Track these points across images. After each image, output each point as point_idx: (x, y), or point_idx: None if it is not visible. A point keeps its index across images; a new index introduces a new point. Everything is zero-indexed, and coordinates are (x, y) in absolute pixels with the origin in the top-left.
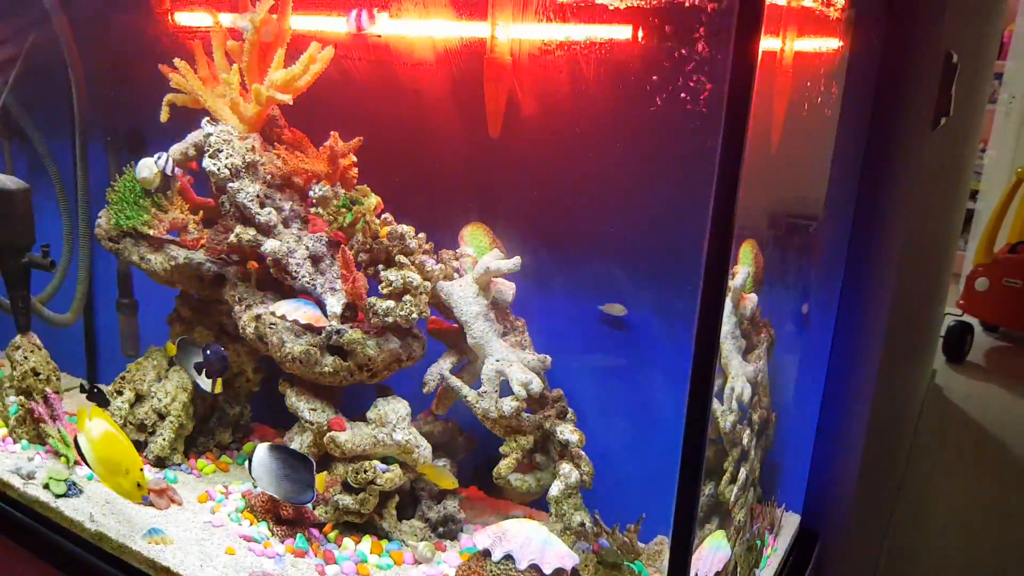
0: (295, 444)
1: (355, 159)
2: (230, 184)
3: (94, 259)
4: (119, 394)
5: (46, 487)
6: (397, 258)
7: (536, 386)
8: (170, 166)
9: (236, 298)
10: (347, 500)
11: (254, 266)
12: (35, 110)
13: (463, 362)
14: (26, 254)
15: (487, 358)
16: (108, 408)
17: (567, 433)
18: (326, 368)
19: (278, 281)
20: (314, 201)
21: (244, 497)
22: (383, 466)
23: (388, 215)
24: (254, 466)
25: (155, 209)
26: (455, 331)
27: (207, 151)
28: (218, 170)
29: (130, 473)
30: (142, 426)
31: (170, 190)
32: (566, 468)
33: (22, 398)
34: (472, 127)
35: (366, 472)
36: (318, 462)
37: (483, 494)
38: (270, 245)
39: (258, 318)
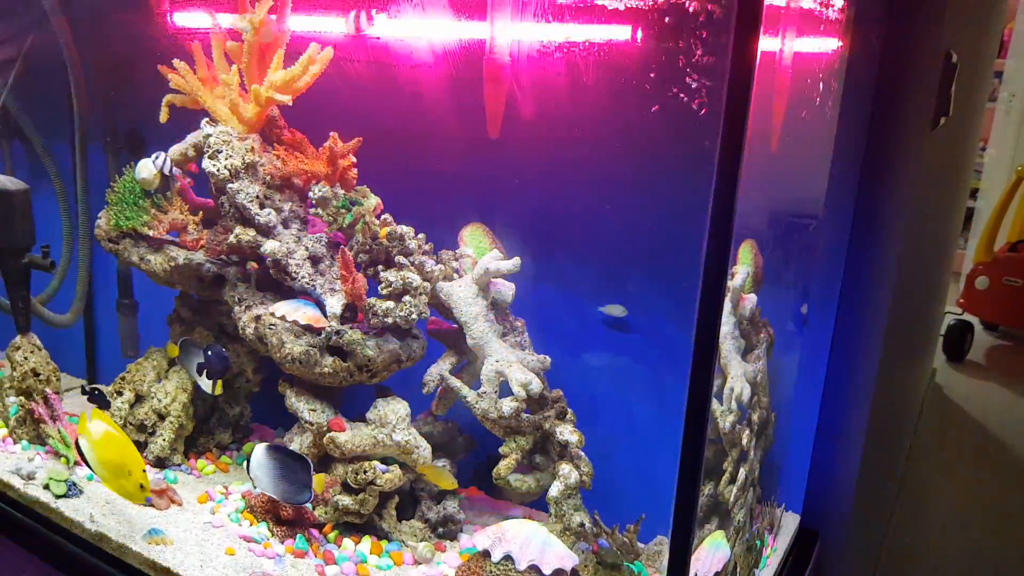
0: (295, 445)
1: (355, 160)
2: (229, 185)
3: (94, 260)
4: (119, 394)
5: (46, 488)
6: (397, 259)
7: (535, 387)
8: (168, 165)
9: (236, 299)
10: (347, 501)
11: (254, 267)
12: (35, 111)
13: (463, 363)
14: (26, 255)
15: (487, 359)
16: (108, 409)
17: (567, 434)
18: (326, 369)
19: (278, 282)
20: (314, 202)
21: (244, 498)
22: (383, 467)
23: (388, 216)
24: (252, 467)
25: (155, 210)
26: (455, 332)
27: (206, 152)
28: (217, 171)
29: (133, 474)
30: (142, 427)
31: (169, 191)
32: (565, 469)
33: (22, 399)
34: (471, 127)
35: (366, 473)
36: (318, 463)
37: (483, 494)
38: (270, 246)
39: (258, 319)
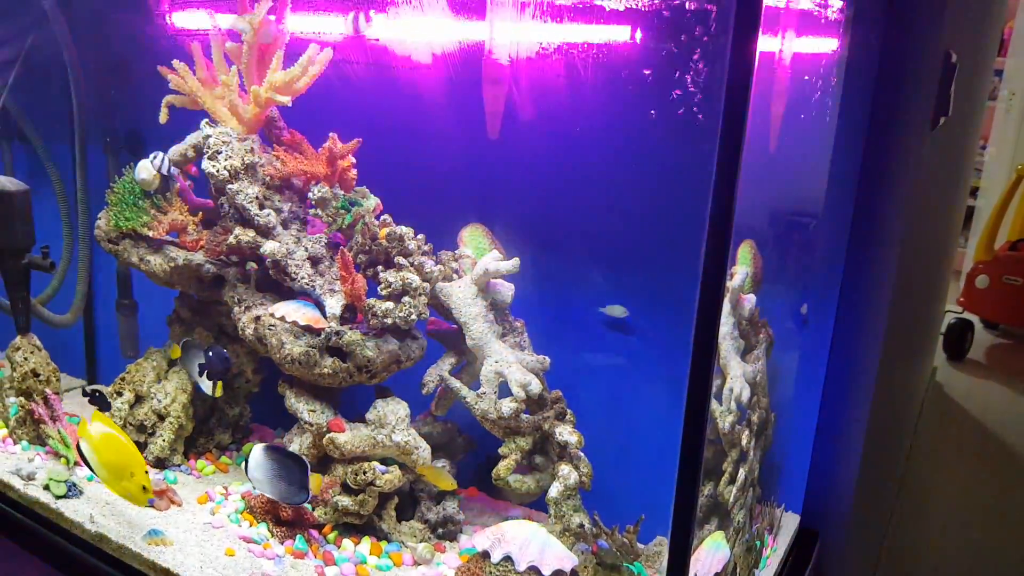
0: (294, 445)
1: (354, 160)
2: (229, 186)
3: (94, 260)
4: (119, 395)
5: (46, 488)
6: (396, 259)
7: (535, 387)
8: (166, 166)
9: (235, 299)
10: (346, 501)
11: (254, 267)
12: (34, 111)
13: (462, 363)
14: (26, 255)
15: (486, 359)
16: (109, 411)
17: (566, 434)
18: (325, 369)
19: (277, 282)
20: (313, 203)
21: (244, 498)
22: (382, 467)
23: (387, 216)
24: (250, 467)
25: (154, 210)
26: (454, 332)
27: (206, 153)
28: (217, 172)
29: (135, 476)
30: (142, 427)
31: (169, 191)
32: (565, 469)
33: (22, 399)
34: (471, 128)
35: (365, 473)
36: (317, 463)
37: (482, 495)
38: (269, 247)
39: (257, 319)
